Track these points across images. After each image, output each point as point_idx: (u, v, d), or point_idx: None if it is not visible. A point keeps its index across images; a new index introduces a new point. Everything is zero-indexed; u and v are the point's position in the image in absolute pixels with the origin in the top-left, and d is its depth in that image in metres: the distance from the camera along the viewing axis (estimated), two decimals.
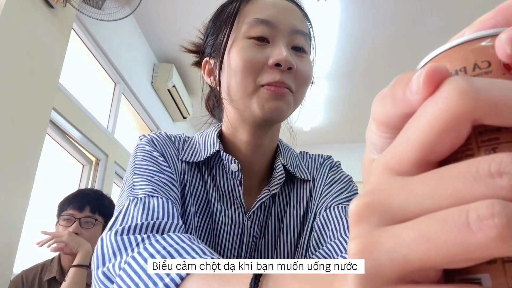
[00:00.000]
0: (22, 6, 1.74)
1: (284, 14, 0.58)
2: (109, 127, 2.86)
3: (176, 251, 0.39)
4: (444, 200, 0.14)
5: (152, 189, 0.51)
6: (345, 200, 0.60)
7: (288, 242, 0.61)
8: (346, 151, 4.77)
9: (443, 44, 0.19)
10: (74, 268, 1.33)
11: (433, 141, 0.16)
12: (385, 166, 0.18)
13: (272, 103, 0.55)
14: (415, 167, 0.16)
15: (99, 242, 0.45)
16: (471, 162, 0.14)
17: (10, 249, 1.66)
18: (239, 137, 0.61)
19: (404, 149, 0.17)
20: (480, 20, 0.19)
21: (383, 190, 0.16)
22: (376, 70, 3.51)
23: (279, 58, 0.54)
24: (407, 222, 0.15)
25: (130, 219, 0.46)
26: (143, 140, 0.60)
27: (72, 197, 1.49)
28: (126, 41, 2.95)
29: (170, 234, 0.43)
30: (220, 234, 0.60)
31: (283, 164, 0.62)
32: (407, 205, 0.15)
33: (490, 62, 0.17)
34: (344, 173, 0.66)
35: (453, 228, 0.13)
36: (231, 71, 0.57)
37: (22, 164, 1.73)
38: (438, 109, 0.15)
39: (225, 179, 0.61)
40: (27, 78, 1.77)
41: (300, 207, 0.63)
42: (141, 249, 0.41)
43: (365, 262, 0.15)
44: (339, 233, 0.54)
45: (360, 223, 0.16)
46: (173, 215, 0.48)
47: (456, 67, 0.18)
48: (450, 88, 0.15)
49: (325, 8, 2.69)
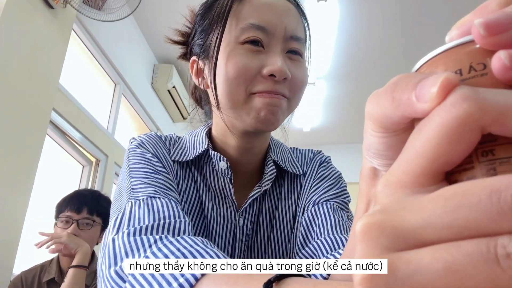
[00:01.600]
0: (22, 7, 1.74)
1: (280, 17, 0.55)
2: (109, 128, 2.86)
3: (190, 253, 0.39)
4: (464, 231, 0.14)
5: (152, 191, 0.50)
6: (333, 196, 0.60)
7: (282, 238, 0.61)
8: (345, 151, 4.78)
9: (444, 44, 0.19)
10: (73, 268, 1.33)
11: (445, 151, 0.15)
12: (396, 184, 0.17)
13: (266, 111, 0.53)
14: (429, 179, 0.16)
15: (110, 243, 0.44)
16: (491, 189, 0.13)
17: (10, 250, 1.66)
18: (229, 141, 0.60)
19: (415, 163, 0.16)
20: (461, 22, 0.19)
21: (395, 211, 0.16)
22: (375, 70, 3.52)
23: (274, 68, 0.52)
24: (426, 249, 0.14)
25: (137, 220, 0.46)
26: (134, 143, 0.59)
27: (69, 199, 1.48)
28: (126, 41, 2.95)
29: (183, 237, 0.43)
30: (213, 233, 0.60)
31: (274, 160, 0.62)
32: (422, 231, 0.15)
33: (485, 64, 0.17)
34: (334, 169, 0.66)
35: (482, 264, 0.13)
36: (221, 78, 0.54)
37: (22, 165, 1.73)
38: (449, 118, 0.15)
39: (216, 177, 0.61)
40: (27, 78, 1.77)
41: (291, 202, 0.63)
42: (154, 250, 0.41)
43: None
44: (326, 230, 0.54)
45: (368, 244, 0.16)
46: (179, 214, 0.48)
47: (451, 69, 0.17)
48: (458, 96, 0.15)
49: (325, 9, 2.69)
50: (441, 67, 0.18)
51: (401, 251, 0.15)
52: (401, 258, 0.14)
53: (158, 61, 3.46)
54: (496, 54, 0.16)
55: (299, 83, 0.56)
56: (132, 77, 3.04)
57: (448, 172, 0.17)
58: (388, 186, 0.17)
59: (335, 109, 4.19)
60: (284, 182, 0.64)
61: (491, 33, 0.16)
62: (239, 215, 0.61)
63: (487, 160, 0.16)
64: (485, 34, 0.16)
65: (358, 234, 0.16)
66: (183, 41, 0.66)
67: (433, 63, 0.18)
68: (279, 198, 0.63)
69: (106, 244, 0.45)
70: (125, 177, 0.55)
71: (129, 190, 0.52)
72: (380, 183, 0.18)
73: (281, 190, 0.64)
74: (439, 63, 0.18)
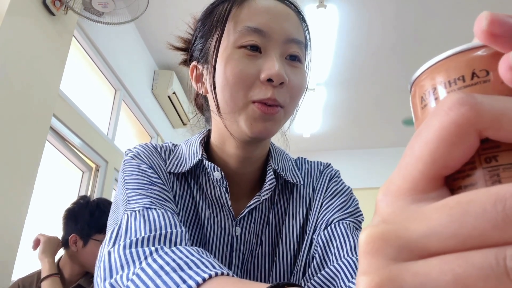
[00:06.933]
0: (23, 14, 1.75)
1: (278, 22, 0.54)
2: (109, 134, 2.86)
3: (186, 263, 0.39)
4: (470, 241, 0.14)
5: (148, 202, 0.50)
6: (348, 215, 0.59)
7: (288, 253, 0.60)
8: (345, 157, 4.78)
9: (443, 50, 0.19)
10: (46, 280, 1.36)
11: (444, 154, 0.15)
12: (397, 192, 0.17)
13: (260, 123, 0.53)
14: (429, 185, 0.16)
15: (106, 255, 0.44)
16: (496, 197, 0.13)
17: (9, 257, 1.65)
18: (227, 149, 0.59)
19: (415, 168, 0.16)
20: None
21: (399, 221, 0.15)
22: (375, 76, 3.53)
23: (270, 73, 0.51)
24: (433, 261, 0.14)
25: (133, 233, 0.46)
26: (129, 154, 0.59)
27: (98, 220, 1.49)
28: (126, 48, 2.96)
29: (178, 247, 0.43)
30: (210, 242, 0.59)
31: (274, 169, 0.61)
32: (427, 241, 0.14)
33: (488, 71, 0.17)
34: (344, 185, 0.65)
35: (492, 277, 0.13)
36: (220, 83, 0.54)
37: (22, 171, 1.72)
38: (446, 121, 0.15)
39: (212, 187, 0.60)
40: (28, 84, 1.78)
41: (299, 215, 0.62)
42: (149, 261, 0.41)
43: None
44: (345, 252, 0.53)
45: (373, 256, 0.15)
46: (175, 224, 0.47)
47: (454, 76, 0.18)
48: (455, 101, 0.15)
49: (325, 15, 2.70)
50: (443, 73, 0.18)
51: (407, 262, 0.15)
52: (408, 269, 0.14)
53: (158, 67, 3.47)
54: (505, 55, 0.16)
55: (296, 89, 0.55)
56: (133, 83, 3.05)
57: (450, 178, 0.17)
58: (389, 194, 0.17)
59: (335, 115, 4.19)
60: (292, 195, 0.63)
61: (492, 29, 0.16)
62: (235, 224, 0.60)
63: (491, 166, 0.16)
64: (486, 28, 0.16)
65: (362, 245, 0.16)
66: (185, 48, 0.67)
67: (436, 69, 0.19)
68: (287, 211, 0.62)
69: (102, 257, 0.45)
70: (121, 189, 0.55)
71: (125, 202, 0.52)
72: (380, 192, 0.18)
73: (289, 203, 0.63)
74: (441, 69, 0.18)
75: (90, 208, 1.51)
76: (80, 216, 1.50)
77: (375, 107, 4.00)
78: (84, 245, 1.47)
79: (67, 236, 1.48)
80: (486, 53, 0.17)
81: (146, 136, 3.50)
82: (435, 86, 0.18)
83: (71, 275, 1.48)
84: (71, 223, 1.50)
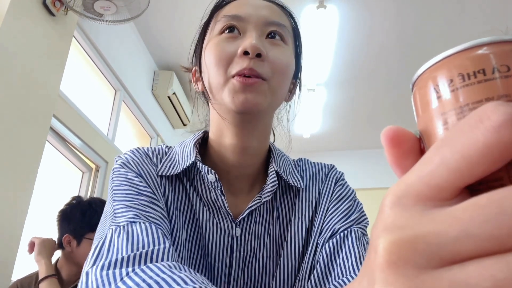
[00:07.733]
0: (23, 14, 1.75)
1: (257, 10, 0.57)
2: (109, 134, 2.86)
3: (156, 282, 0.38)
4: (506, 243, 0.13)
5: (133, 215, 0.50)
6: (354, 222, 0.58)
7: (293, 256, 0.59)
8: (345, 157, 4.78)
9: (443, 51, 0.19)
10: (44, 281, 1.36)
11: (485, 170, 0.15)
12: (417, 197, 0.16)
13: (241, 94, 0.53)
14: (454, 193, 0.15)
15: (84, 277, 0.44)
16: None
17: (9, 257, 1.65)
18: (225, 140, 0.59)
19: (445, 180, 0.15)
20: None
21: (424, 225, 0.14)
22: (375, 77, 3.53)
23: (246, 45, 0.53)
24: (469, 266, 0.13)
25: (115, 251, 0.45)
26: (118, 161, 0.59)
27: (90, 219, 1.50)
28: (126, 48, 2.96)
29: (149, 266, 0.42)
30: (209, 244, 0.58)
31: (276, 171, 0.60)
32: (460, 244, 0.13)
33: (509, 66, 0.17)
34: (349, 188, 0.65)
35: None
36: (207, 68, 0.57)
37: (22, 171, 1.72)
38: (493, 138, 0.14)
39: (207, 189, 0.59)
40: (28, 85, 1.78)
41: (305, 219, 0.61)
42: (119, 284, 0.40)
43: None
44: (351, 264, 0.52)
45: (401, 266, 0.14)
46: (158, 240, 0.47)
47: (473, 69, 0.17)
48: (504, 117, 0.14)
49: (324, 16, 2.70)
50: (458, 66, 0.18)
51: (438, 269, 0.14)
52: (442, 277, 0.13)
53: (158, 68, 3.47)
54: None
55: (278, 62, 0.56)
56: (133, 84, 3.05)
57: None
58: (405, 198, 0.16)
59: (335, 115, 4.19)
60: (297, 198, 0.63)
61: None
62: (235, 225, 0.59)
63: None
64: None
65: (385, 255, 0.15)
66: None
67: (451, 61, 0.18)
68: (292, 214, 0.62)
69: (81, 277, 0.45)
70: (109, 200, 0.55)
71: (111, 215, 0.52)
72: (392, 195, 0.16)
73: (294, 206, 0.62)
74: (457, 61, 0.18)
75: (82, 208, 1.51)
76: (72, 216, 1.51)
77: (375, 107, 4.00)
78: (78, 244, 1.48)
79: (61, 236, 1.49)
80: (507, 48, 0.17)
81: (146, 136, 3.50)
82: (452, 78, 0.18)
83: (69, 276, 1.49)
84: (65, 224, 1.51)
